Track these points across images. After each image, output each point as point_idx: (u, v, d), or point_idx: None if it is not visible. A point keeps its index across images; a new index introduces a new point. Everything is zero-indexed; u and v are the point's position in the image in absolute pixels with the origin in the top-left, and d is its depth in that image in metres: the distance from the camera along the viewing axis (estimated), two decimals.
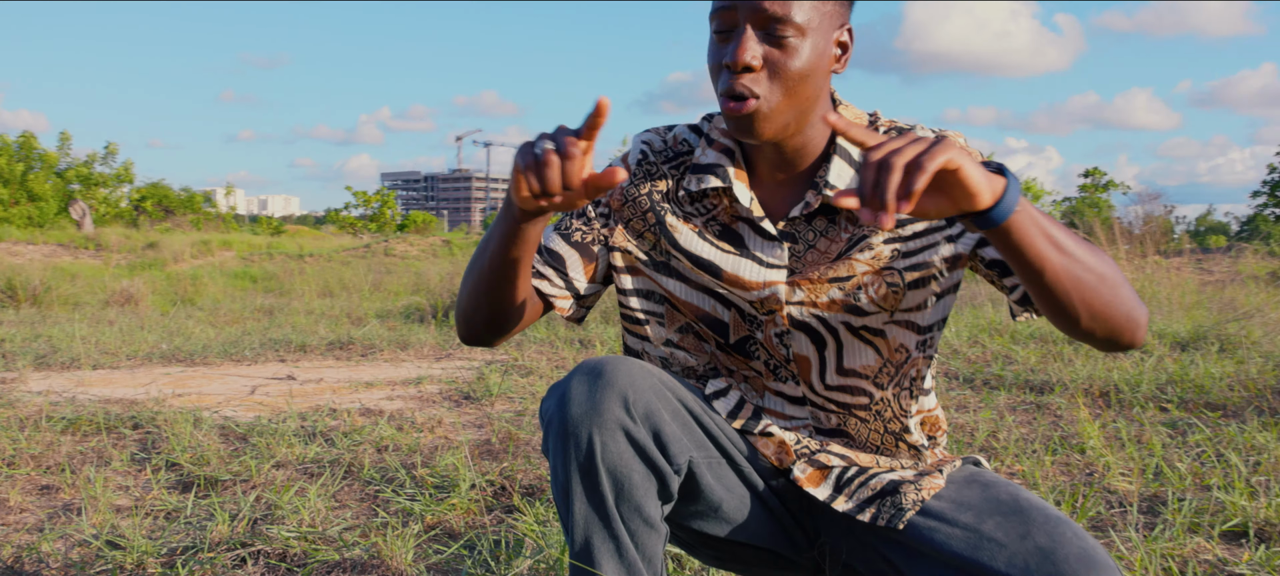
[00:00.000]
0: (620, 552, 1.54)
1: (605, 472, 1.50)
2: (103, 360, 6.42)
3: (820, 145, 1.66)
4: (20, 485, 3.37)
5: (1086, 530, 2.78)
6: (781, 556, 1.76)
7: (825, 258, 1.65)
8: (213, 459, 3.55)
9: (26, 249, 24.87)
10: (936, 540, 1.56)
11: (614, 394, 1.51)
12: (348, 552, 2.64)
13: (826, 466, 1.69)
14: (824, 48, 1.58)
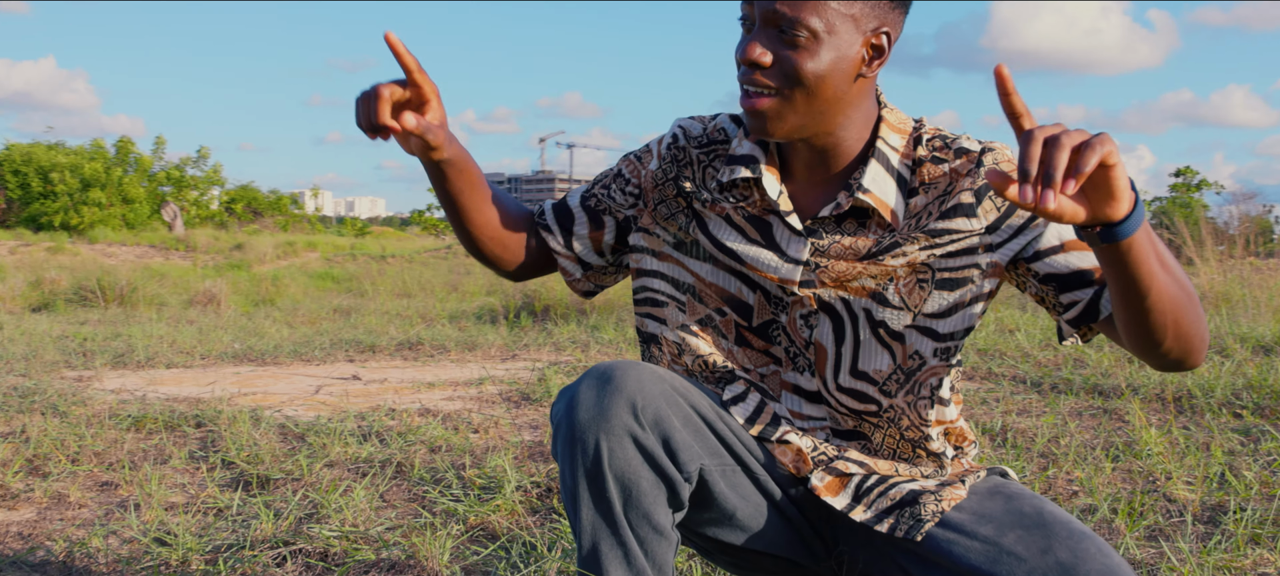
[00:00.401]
0: (629, 559, 1.52)
1: (613, 479, 1.49)
2: (176, 359, 6.53)
3: (856, 148, 1.64)
4: (81, 481, 3.43)
5: (1140, 540, 2.72)
6: (799, 565, 1.74)
7: (850, 256, 1.62)
8: (266, 457, 3.59)
9: (120, 250, 25.47)
10: (955, 552, 1.53)
11: (622, 400, 1.49)
12: (386, 552, 2.65)
13: (845, 474, 1.66)
14: (846, 51, 1.54)
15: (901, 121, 1.66)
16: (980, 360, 5.89)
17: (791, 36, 1.51)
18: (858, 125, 1.62)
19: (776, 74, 1.54)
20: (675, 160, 1.76)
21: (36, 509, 3.15)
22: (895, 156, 1.63)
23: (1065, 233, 1.56)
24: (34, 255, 21.59)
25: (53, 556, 2.70)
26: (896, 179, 1.62)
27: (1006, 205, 1.57)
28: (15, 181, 33.44)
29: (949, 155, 1.61)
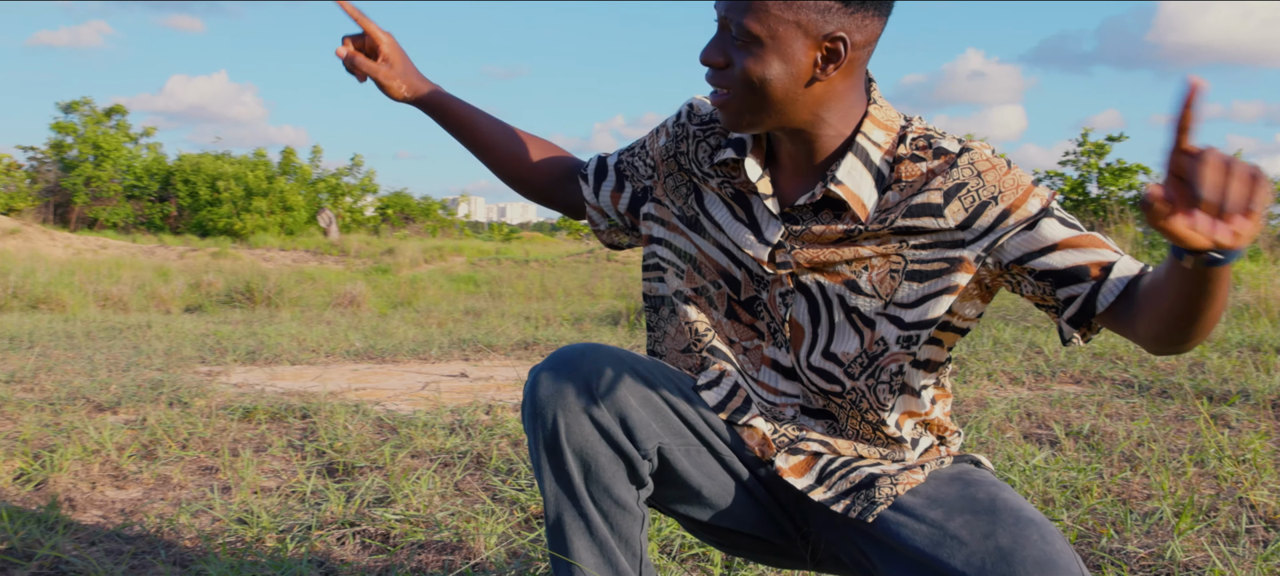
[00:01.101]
0: (591, 530, 1.64)
1: (571, 454, 1.61)
2: (302, 357, 6.84)
3: (836, 142, 1.68)
4: (187, 465, 3.68)
5: (1196, 542, 2.74)
6: (773, 543, 1.83)
7: (821, 243, 1.70)
8: (354, 447, 3.80)
9: (278, 254, 26.38)
10: (902, 535, 1.60)
11: (579, 379, 1.61)
12: (439, 535, 2.82)
13: (809, 454, 1.74)
14: (794, 57, 1.59)
15: (889, 119, 1.70)
16: (1091, 363, 5.83)
17: (739, 42, 1.60)
18: (835, 121, 1.67)
19: (728, 76, 1.62)
20: (676, 137, 1.86)
21: (143, 489, 3.41)
22: (877, 153, 1.67)
23: (1058, 232, 1.60)
24: (199, 259, 22.51)
25: (145, 530, 2.94)
26: (874, 175, 1.66)
27: (975, 205, 1.61)
28: (185, 190, 34.89)
29: (928, 155, 1.65)
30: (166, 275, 16.13)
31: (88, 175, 34.17)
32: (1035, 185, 1.62)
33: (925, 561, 1.55)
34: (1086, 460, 3.61)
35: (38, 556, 2.65)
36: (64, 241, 24.01)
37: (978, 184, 1.61)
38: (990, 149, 1.66)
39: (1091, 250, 1.59)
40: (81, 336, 7.69)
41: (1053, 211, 1.61)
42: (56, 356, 6.43)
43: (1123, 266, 1.58)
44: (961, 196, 1.62)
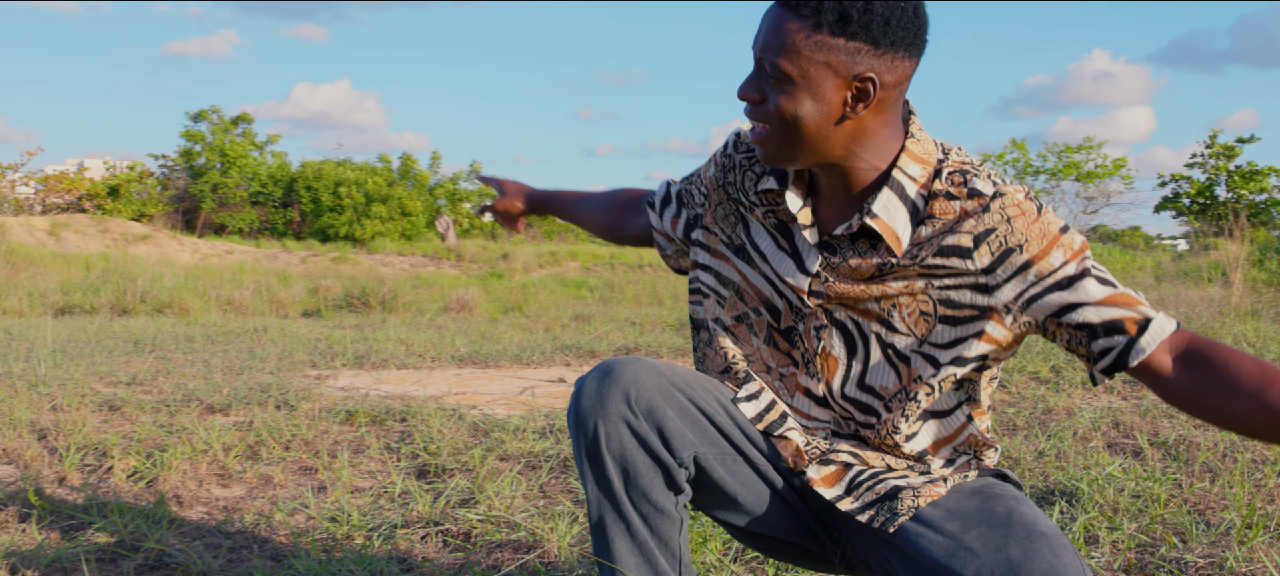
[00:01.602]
0: (631, 533, 1.77)
1: (610, 460, 1.74)
2: (408, 361, 7.07)
3: (872, 175, 1.76)
4: (288, 466, 3.88)
5: (1257, 551, 2.76)
6: (805, 548, 1.93)
7: (857, 276, 1.79)
8: (446, 450, 3.98)
9: (396, 260, 26.96)
10: (920, 545, 1.68)
11: (618, 391, 1.73)
12: (516, 535, 2.96)
13: (840, 465, 1.84)
14: (825, 96, 1.67)
15: (925, 153, 1.76)
16: None
17: (773, 81, 1.69)
18: (869, 156, 1.75)
19: (764, 112, 1.72)
20: (724, 166, 1.97)
21: (246, 487, 3.61)
22: (913, 187, 1.74)
23: (1095, 291, 1.66)
24: (319, 264, 23.16)
25: (243, 527, 3.13)
26: (909, 208, 1.74)
27: (1001, 251, 1.68)
28: (308, 196, 35.80)
29: (963, 194, 1.71)
30: (287, 280, 16.64)
31: (215, 182, 35.23)
32: (1063, 233, 1.68)
33: (940, 570, 1.63)
34: (1167, 470, 3.62)
35: (143, 549, 2.85)
36: (192, 247, 24.83)
37: (1006, 230, 1.68)
38: (1023, 192, 1.72)
39: (1126, 307, 1.67)
40: (201, 340, 8.03)
41: (1089, 270, 1.68)
42: (176, 360, 6.74)
43: (1158, 326, 1.67)
44: (990, 241, 1.69)
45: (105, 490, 3.47)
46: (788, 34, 1.66)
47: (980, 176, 1.73)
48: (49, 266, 16.74)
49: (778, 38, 1.67)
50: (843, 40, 1.64)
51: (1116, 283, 1.68)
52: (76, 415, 4.51)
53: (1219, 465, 3.69)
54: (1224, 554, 2.73)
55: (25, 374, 5.73)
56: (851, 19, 1.64)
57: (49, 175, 32.25)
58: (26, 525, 3.04)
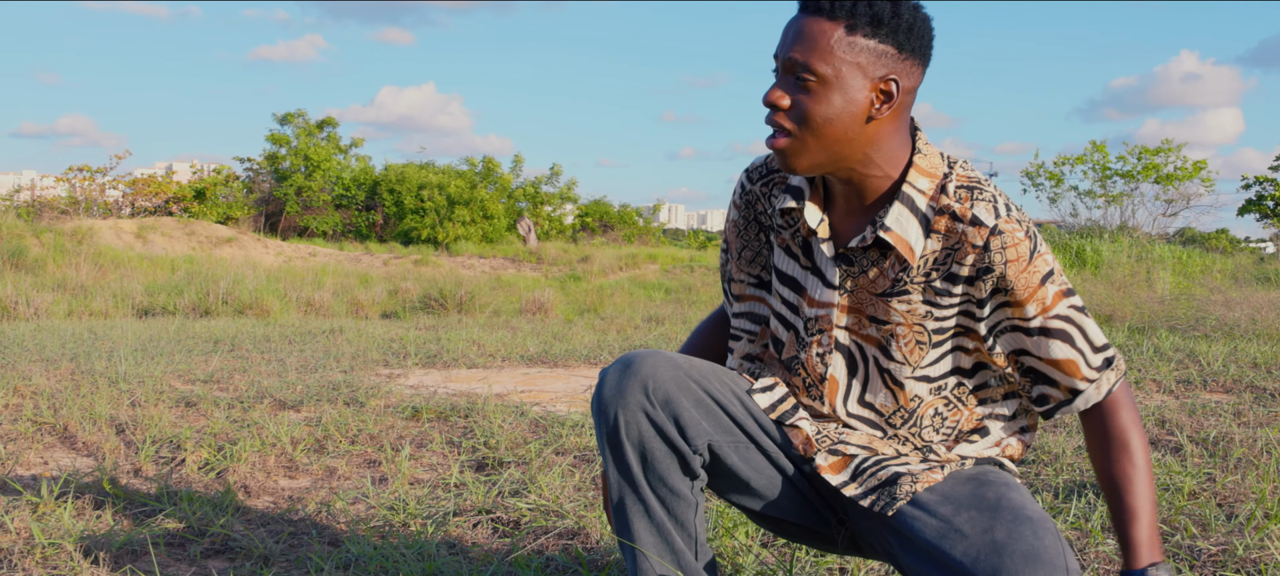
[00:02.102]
0: (649, 514, 1.87)
1: (630, 446, 1.84)
2: (479, 360, 7.22)
3: (885, 185, 1.87)
4: (353, 459, 4.02)
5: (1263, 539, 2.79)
6: (814, 530, 2.02)
7: (874, 288, 1.89)
8: (504, 444, 4.10)
9: (477, 262, 27.27)
10: (915, 527, 1.78)
11: (636, 382, 1.84)
12: (561, 522, 3.07)
13: (847, 455, 1.93)
14: (853, 95, 1.78)
15: (933, 166, 1.87)
16: (1246, 372, 5.75)
17: (803, 82, 1.78)
18: (883, 164, 1.85)
19: (792, 116, 1.81)
20: (747, 204, 2.08)
21: (312, 479, 3.76)
22: (922, 199, 1.85)
23: (1052, 349, 1.84)
24: (401, 266, 23.49)
25: (306, 514, 3.27)
26: (920, 220, 1.85)
27: (993, 288, 1.83)
28: (391, 199, 36.25)
29: (967, 217, 1.82)
30: (367, 282, 16.94)
31: (299, 185, 35.81)
32: (1043, 284, 1.82)
33: (931, 551, 1.73)
34: (1203, 465, 3.64)
35: (209, 533, 3.00)
36: (276, 249, 25.31)
37: (1001, 270, 1.81)
38: (1022, 229, 1.83)
39: (1068, 375, 1.85)
40: (278, 340, 8.25)
41: (1051, 328, 1.84)
42: (252, 359, 6.95)
43: (1085, 398, 1.86)
44: (987, 279, 1.83)
45: (176, 480, 3.63)
46: (821, 35, 1.77)
47: (983, 200, 1.83)
48: (135, 268, 17.19)
49: (811, 40, 1.77)
50: (874, 42, 1.77)
51: (1076, 338, 1.83)
52: (153, 411, 4.70)
53: (1255, 460, 3.70)
54: (1236, 542, 2.76)
55: (107, 371, 5.96)
56: (883, 22, 1.76)
57: (137, 179, 32.98)
58: (101, 511, 3.20)
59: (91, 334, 8.46)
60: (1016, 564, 1.62)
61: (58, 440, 4.27)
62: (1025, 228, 1.82)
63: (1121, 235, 17.67)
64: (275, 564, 2.77)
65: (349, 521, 3.17)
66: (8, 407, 4.83)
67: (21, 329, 9.20)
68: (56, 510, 3.15)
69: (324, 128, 38.30)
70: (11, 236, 17.59)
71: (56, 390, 5.27)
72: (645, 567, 1.89)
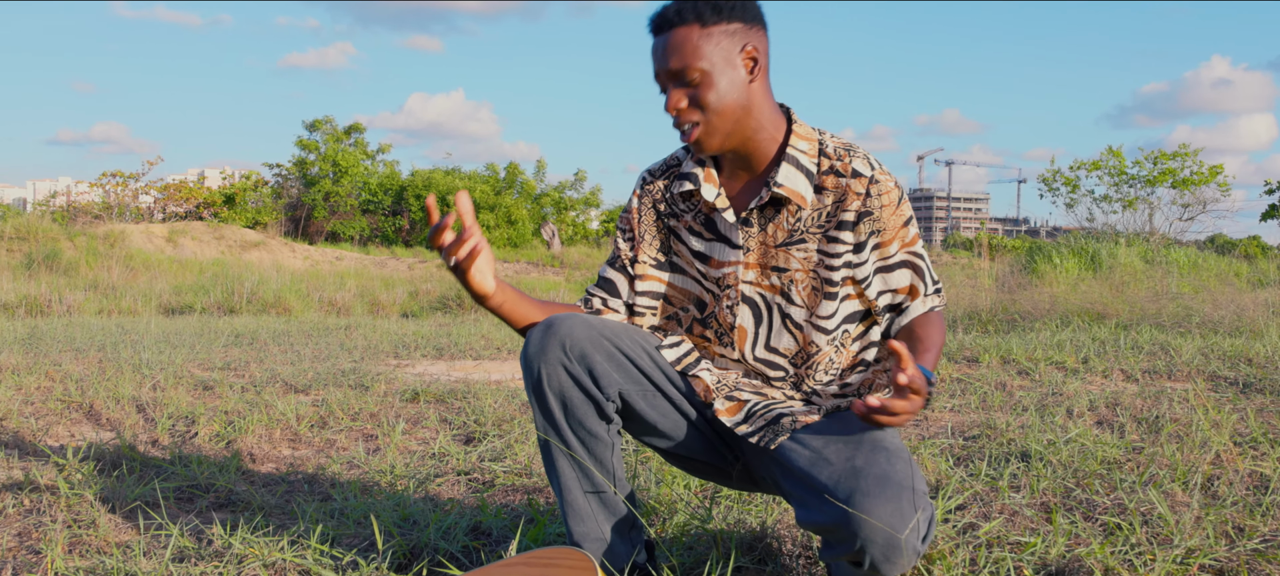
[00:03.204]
0: (569, 451, 2.21)
1: (552, 395, 2.18)
2: (485, 353, 7.58)
3: (771, 151, 2.23)
4: (352, 433, 4.39)
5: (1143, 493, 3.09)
6: (716, 465, 2.36)
7: (774, 240, 2.23)
8: (490, 420, 4.45)
9: (501, 266, 27.64)
10: (791, 458, 2.12)
11: (556, 340, 2.18)
12: (530, 481, 3.42)
13: (741, 400, 2.27)
14: (732, 74, 2.14)
15: (808, 133, 2.24)
16: (1221, 367, 6.01)
17: (690, 82, 2.13)
18: (770, 128, 2.21)
19: (693, 108, 2.16)
20: (651, 201, 2.41)
21: (314, 449, 4.12)
22: (806, 159, 2.21)
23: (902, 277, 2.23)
24: (426, 270, 23.89)
25: (303, 476, 3.63)
26: (806, 175, 2.20)
27: (870, 232, 2.18)
28: (417, 204, 36.72)
29: (848, 171, 2.18)
30: (390, 284, 17.33)
31: (327, 191, 36.34)
32: (905, 226, 2.20)
33: (804, 477, 2.06)
34: (1139, 442, 3.93)
35: (214, 489, 3.37)
36: (303, 253, 25.78)
37: (878, 211, 2.18)
38: (893, 180, 2.20)
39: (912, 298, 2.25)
40: (297, 335, 8.64)
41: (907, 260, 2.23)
42: (269, 350, 7.33)
43: (915, 308, 2.25)
44: (867, 221, 2.19)
45: (190, 448, 4.00)
46: (685, 42, 2.12)
47: (859, 157, 2.20)
48: (165, 271, 17.66)
49: (679, 48, 2.12)
50: (724, 25, 2.13)
51: (921, 270, 2.24)
52: (172, 393, 5.08)
53: (1182, 435, 3.99)
54: (1127, 498, 3.06)
55: (131, 359, 6.35)
56: (722, 8, 2.13)
57: (169, 184, 33.62)
58: (119, 472, 3.57)
59: (119, 329, 8.88)
60: (869, 483, 1.94)
61: (83, 416, 4.65)
62: (893, 180, 2.19)
63: (1138, 240, 17.82)
64: (270, 514, 3.12)
65: (344, 482, 3.53)
66: (39, 389, 5.23)
67: (54, 324, 9.64)
68: (81, 469, 3.52)
69: (352, 134, 38.76)
70: (47, 239, 18.12)
71: (84, 375, 5.67)
72: (569, 499, 2.24)
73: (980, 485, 3.25)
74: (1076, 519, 2.88)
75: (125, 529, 2.94)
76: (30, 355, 6.59)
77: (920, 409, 1.90)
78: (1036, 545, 2.60)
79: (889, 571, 1.93)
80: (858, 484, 1.95)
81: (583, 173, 41.00)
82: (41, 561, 2.64)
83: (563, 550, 1.86)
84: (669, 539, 2.70)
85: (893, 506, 1.90)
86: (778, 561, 2.59)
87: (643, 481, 3.26)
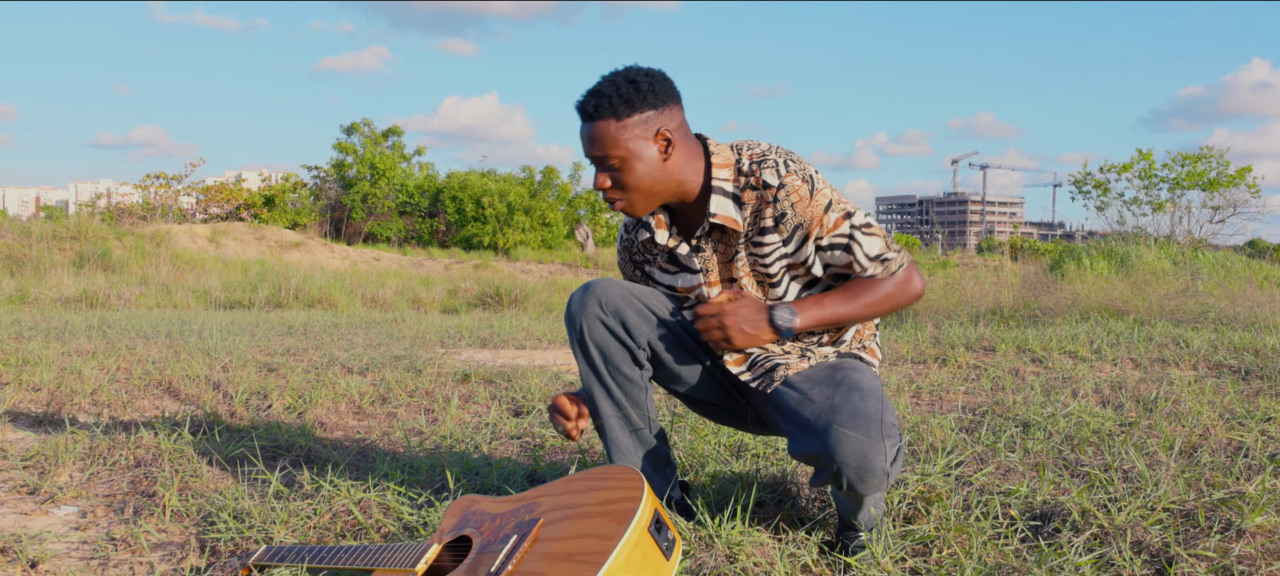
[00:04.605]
0: (610, 395, 2.62)
1: (593, 345, 2.59)
2: (526, 343, 7.99)
3: (697, 187, 2.58)
4: (411, 408, 4.79)
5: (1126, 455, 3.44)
6: (728, 409, 2.75)
7: (726, 256, 2.62)
8: (537, 396, 4.85)
9: (535, 267, 28.06)
10: (784, 399, 2.51)
11: (594, 299, 2.59)
12: (574, 445, 3.82)
13: (746, 354, 2.65)
14: (646, 155, 2.49)
15: (726, 158, 2.58)
16: (1227, 356, 6.30)
17: (610, 166, 2.50)
18: (691, 178, 2.56)
19: (616, 188, 2.53)
20: (627, 246, 2.80)
21: (376, 421, 4.52)
22: (728, 185, 2.56)
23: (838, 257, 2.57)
24: (461, 270, 24.34)
25: (372, 441, 4.03)
26: (732, 199, 2.56)
27: (792, 227, 2.53)
28: (453, 206, 37.21)
29: (759, 184, 2.53)
30: (429, 283, 17.79)
31: (365, 192, 36.87)
32: (826, 211, 2.52)
33: (792, 415, 2.46)
34: (1134, 417, 4.26)
35: (294, 448, 3.78)
36: (342, 254, 26.29)
37: (794, 212, 2.52)
38: (800, 176, 2.53)
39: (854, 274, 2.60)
40: (346, 326, 9.08)
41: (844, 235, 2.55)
42: (323, 339, 7.77)
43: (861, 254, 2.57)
44: (784, 221, 2.54)
45: (266, 418, 4.41)
46: (604, 133, 2.47)
47: (768, 167, 2.54)
48: (210, 269, 18.19)
49: (599, 139, 2.47)
50: (636, 116, 2.48)
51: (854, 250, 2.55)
52: (241, 373, 5.50)
53: (1175, 414, 4.33)
54: (1109, 457, 3.41)
55: (199, 344, 6.79)
56: (633, 102, 2.47)
57: (210, 186, 34.22)
58: (209, 435, 3.98)
59: (181, 322, 9.34)
60: (844, 416, 2.33)
61: (163, 393, 5.08)
62: (802, 175, 2.52)
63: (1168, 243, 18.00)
64: (349, 466, 3.53)
65: (407, 446, 3.93)
66: (121, 369, 5.67)
67: (118, 315, 10.12)
68: (174, 432, 3.94)
69: (389, 137, 39.24)
70: (97, 239, 18.71)
71: (159, 358, 6.11)
72: (611, 436, 2.64)
73: (980, 447, 3.62)
74: (1064, 475, 3.24)
75: (223, 478, 3.35)
76: (105, 341, 7.05)
77: (719, 328, 2.47)
78: (1022, 490, 2.97)
79: (863, 490, 2.33)
80: (835, 417, 2.34)
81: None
82: (157, 502, 3.06)
83: (613, 468, 2.24)
84: (701, 485, 3.08)
85: (863, 434, 2.29)
86: (795, 502, 2.97)
87: (678, 438, 3.64)
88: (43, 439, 3.91)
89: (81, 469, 3.49)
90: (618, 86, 2.46)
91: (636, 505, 2.00)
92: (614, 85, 2.46)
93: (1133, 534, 2.68)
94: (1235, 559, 2.51)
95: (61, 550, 2.74)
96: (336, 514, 2.90)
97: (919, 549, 2.63)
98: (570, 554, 1.97)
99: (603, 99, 2.46)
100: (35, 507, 3.11)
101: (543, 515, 2.15)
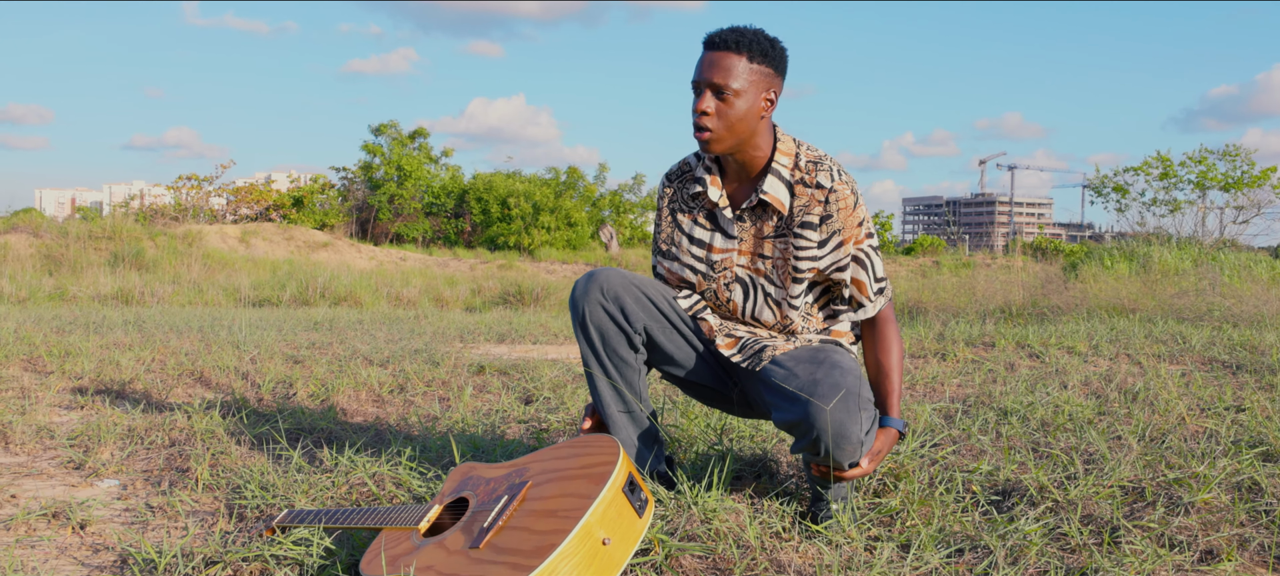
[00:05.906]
0: (606, 374, 2.86)
1: (593, 328, 2.83)
2: (542, 338, 8.25)
3: (762, 163, 2.83)
4: (427, 396, 5.06)
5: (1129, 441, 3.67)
6: (718, 391, 2.99)
7: (762, 233, 2.85)
8: (547, 386, 5.11)
9: (560, 267, 28.30)
10: (770, 377, 2.74)
11: (596, 285, 2.83)
12: (576, 428, 4.07)
13: (737, 337, 2.89)
14: (754, 100, 2.73)
15: (789, 148, 2.83)
16: (1226, 355, 6.48)
17: (723, 94, 2.73)
18: (762, 146, 2.81)
19: (714, 117, 2.76)
20: (671, 200, 3.03)
21: (394, 408, 4.79)
22: (786, 171, 2.81)
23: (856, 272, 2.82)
24: (486, 270, 24.63)
25: (389, 425, 4.30)
26: (785, 185, 2.81)
27: (831, 232, 2.77)
28: (478, 207, 37.46)
29: (814, 183, 2.79)
30: (453, 282, 18.08)
31: (391, 193, 37.20)
32: (859, 227, 2.79)
33: (778, 390, 2.69)
34: (1116, 408, 4.47)
35: (315, 430, 4.05)
36: (369, 254, 26.62)
37: (837, 217, 2.77)
38: (850, 187, 2.80)
39: (861, 292, 2.84)
40: (370, 322, 9.38)
41: (859, 256, 2.82)
42: (348, 334, 8.06)
43: (867, 311, 2.86)
44: (827, 222, 2.78)
45: (291, 404, 4.69)
46: (734, 65, 2.71)
47: (823, 170, 2.79)
48: (240, 269, 18.55)
49: (725, 68, 2.71)
50: (762, 67, 2.73)
51: (867, 267, 2.82)
52: (268, 364, 5.79)
53: (1151, 402, 4.54)
54: (1075, 441, 3.64)
55: (229, 338, 7.09)
56: (767, 54, 2.73)
57: (239, 187, 34.61)
58: (238, 418, 4.26)
59: (210, 317, 9.66)
60: (824, 389, 2.57)
61: (196, 381, 5.37)
62: (851, 187, 2.79)
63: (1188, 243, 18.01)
64: (366, 446, 3.80)
65: (423, 430, 4.20)
66: (155, 360, 5.97)
67: (151, 312, 10.46)
68: (205, 415, 4.22)
69: (416, 138, 39.50)
70: (131, 239, 19.11)
71: (191, 350, 6.41)
72: (607, 414, 2.89)
73: (955, 431, 3.85)
74: (1029, 456, 3.47)
75: (250, 456, 3.63)
76: (141, 335, 7.37)
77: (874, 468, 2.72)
78: (984, 467, 3.21)
79: (840, 457, 2.57)
80: (816, 389, 2.57)
81: (641, 176, 41.63)
82: (190, 476, 3.34)
83: (594, 436, 2.49)
84: (688, 463, 3.33)
85: (840, 405, 2.53)
86: (773, 477, 3.22)
87: (669, 420, 3.90)
88: (86, 421, 4.20)
89: (121, 447, 3.77)
90: (759, 35, 2.74)
91: (612, 468, 2.26)
92: (755, 33, 2.74)
93: (1084, 507, 2.91)
94: (1176, 528, 2.74)
95: (106, 516, 3.02)
96: (353, 485, 3.17)
97: (884, 520, 2.88)
98: (553, 510, 2.23)
99: (743, 37, 2.72)
100: (81, 481, 3.39)
101: (531, 478, 2.41)
